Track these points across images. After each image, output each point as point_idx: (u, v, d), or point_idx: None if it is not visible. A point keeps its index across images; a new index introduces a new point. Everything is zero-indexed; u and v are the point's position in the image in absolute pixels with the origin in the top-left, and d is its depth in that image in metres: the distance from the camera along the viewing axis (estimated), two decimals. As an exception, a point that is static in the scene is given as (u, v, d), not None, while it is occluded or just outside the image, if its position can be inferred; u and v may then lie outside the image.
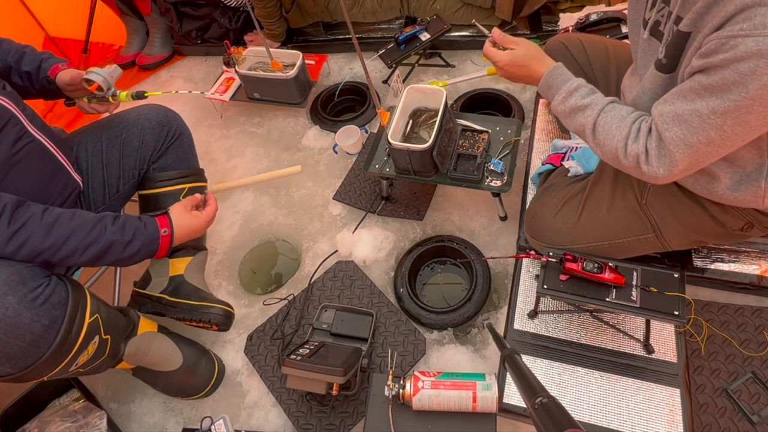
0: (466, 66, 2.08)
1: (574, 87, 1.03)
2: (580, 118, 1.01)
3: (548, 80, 1.08)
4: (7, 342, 0.90)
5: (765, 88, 0.72)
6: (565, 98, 1.04)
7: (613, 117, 0.96)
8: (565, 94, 1.04)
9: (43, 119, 1.23)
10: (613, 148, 0.94)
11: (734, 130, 0.79)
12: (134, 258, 1.13)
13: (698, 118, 0.80)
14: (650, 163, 0.89)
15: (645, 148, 0.90)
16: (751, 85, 0.73)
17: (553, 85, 1.07)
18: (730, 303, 1.31)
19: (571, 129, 1.06)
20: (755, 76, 0.72)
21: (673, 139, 0.84)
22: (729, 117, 0.77)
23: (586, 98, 1.01)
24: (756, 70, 0.71)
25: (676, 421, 1.08)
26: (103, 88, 1.30)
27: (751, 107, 0.75)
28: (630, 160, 0.92)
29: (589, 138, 1.00)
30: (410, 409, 1.13)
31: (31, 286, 0.94)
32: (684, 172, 0.89)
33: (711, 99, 0.78)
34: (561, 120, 1.08)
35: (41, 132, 1.18)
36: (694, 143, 0.83)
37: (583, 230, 1.18)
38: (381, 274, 1.56)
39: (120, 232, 1.09)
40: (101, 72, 1.30)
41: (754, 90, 0.73)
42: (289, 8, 2.13)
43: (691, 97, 0.81)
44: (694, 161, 0.86)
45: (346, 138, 1.83)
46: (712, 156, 0.85)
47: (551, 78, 1.07)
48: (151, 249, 1.15)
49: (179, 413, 1.41)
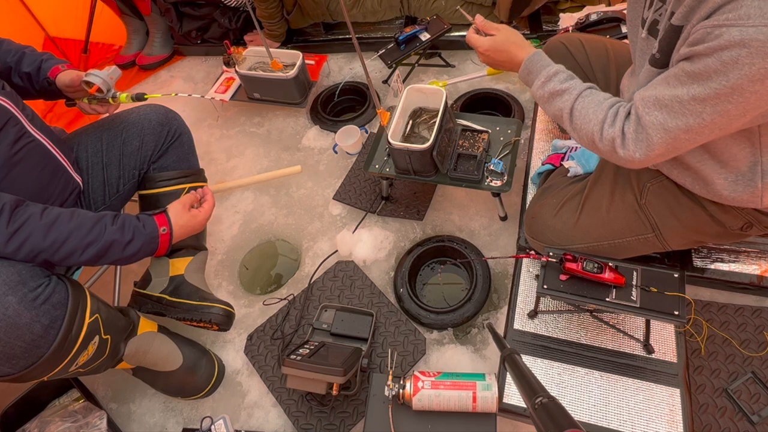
0: (466, 66, 2.08)
1: (553, 72, 1.05)
2: (558, 102, 1.02)
3: (528, 66, 1.10)
4: (7, 342, 0.90)
5: (745, 78, 0.73)
6: (544, 83, 1.05)
7: (590, 102, 0.98)
8: (544, 79, 1.05)
9: (42, 119, 1.23)
10: (590, 132, 0.96)
11: (713, 118, 0.79)
12: (134, 257, 1.13)
13: (679, 103, 0.81)
14: (626, 146, 0.91)
15: (622, 131, 0.91)
16: (731, 74, 0.73)
17: (533, 71, 1.08)
18: (730, 303, 1.31)
19: (550, 114, 1.07)
20: (737, 65, 0.72)
21: (653, 122, 0.85)
22: (709, 104, 0.78)
23: (565, 83, 1.03)
24: (738, 60, 0.72)
25: (676, 421, 1.08)
26: (103, 90, 1.31)
27: (730, 96, 0.76)
28: (606, 144, 0.94)
29: (567, 122, 1.02)
30: (410, 409, 1.13)
31: (31, 286, 0.94)
32: (660, 157, 0.90)
33: (693, 86, 0.79)
34: (540, 105, 1.10)
35: (41, 132, 1.18)
36: (672, 128, 0.84)
37: (582, 230, 1.18)
38: (381, 274, 1.56)
39: (120, 232, 1.09)
40: (100, 74, 1.30)
41: (734, 79, 0.73)
42: (290, 9, 2.13)
43: (674, 83, 0.82)
44: (671, 147, 0.87)
45: (346, 138, 1.83)
46: (689, 143, 0.86)
47: (531, 63, 1.09)
48: (150, 248, 1.15)
49: (179, 413, 1.41)
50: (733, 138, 0.91)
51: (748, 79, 0.73)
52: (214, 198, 1.35)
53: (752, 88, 0.74)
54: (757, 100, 0.75)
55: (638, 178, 1.13)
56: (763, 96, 0.75)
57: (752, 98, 0.75)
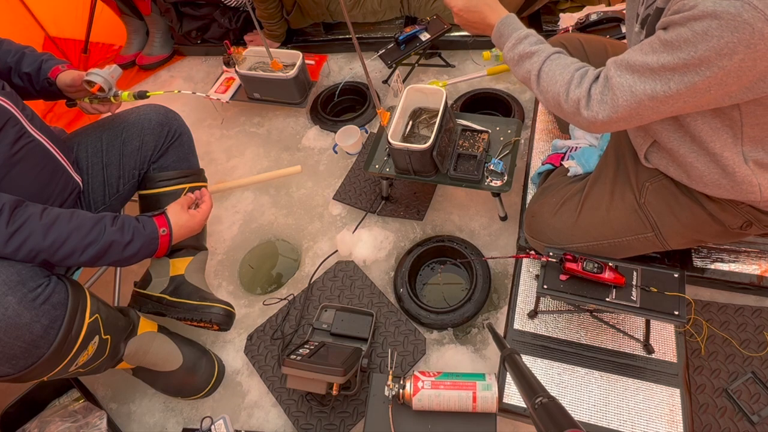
0: (466, 66, 2.08)
1: (524, 35, 1.07)
2: (527, 64, 1.04)
3: (500, 29, 1.12)
4: (6, 342, 0.90)
5: (712, 51, 0.73)
6: (514, 45, 1.07)
7: (557, 64, 0.99)
8: (514, 41, 1.07)
9: (42, 119, 1.23)
10: (555, 93, 0.97)
11: (679, 88, 0.80)
12: (134, 258, 1.13)
13: (649, 70, 0.82)
14: (591, 107, 0.91)
15: (588, 92, 0.92)
16: (700, 45, 0.74)
17: (504, 33, 1.10)
18: (730, 303, 1.31)
19: (519, 77, 1.09)
20: (706, 36, 0.73)
21: (621, 84, 0.86)
22: (677, 74, 0.79)
23: (534, 46, 1.04)
24: (708, 31, 0.72)
25: (676, 421, 1.08)
26: (105, 89, 1.31)
27: (698, 68, 0.76)
28: (570, 105, 0.95)
29: (534, 84, 1.03)
30: (410, 409, 1.13)
31: (30, 286, 0.94)
32: (622, 122, 0.90)
33: (663, 54, 0.79)
34: (510, 68, 1.11)
35: (41, 132, 1.18)
36: (638, 92, 0.84)
37: (582, 229, 1.18)
38: (381, 274, 1.56)
39: (119, 233, 1.09)
40: (102, 73, 1.30)
41: (702, 51, 0.74)
42: (290, 10, 2.13)
43: (646, 50, 0.83)
44: (634, 112, 0.87)
45: (346, 138, 1.83)
46: (653, 112, 0.86)
47: (503, 26, 1.11)
48: (150, 249, 1.15)
49: (179, 413, 1.41)
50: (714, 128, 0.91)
51: (715, 52, 0.73)
52: (211, 199, 1.35)
53: (719, 62, 0.74)
54: (724, 76, 0.75)
55: (637, 177, 1.13)
56: (730, 73, 0.75)
57: (719, 74, 0.75)
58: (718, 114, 0.89)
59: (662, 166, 1.07)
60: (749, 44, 0.71)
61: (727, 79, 0.76)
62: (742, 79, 0.76)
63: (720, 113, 0.89)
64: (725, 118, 0.89)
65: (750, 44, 0.71)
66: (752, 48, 0.71)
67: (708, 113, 0.90)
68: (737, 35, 0.70)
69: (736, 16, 0.69)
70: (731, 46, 0.71)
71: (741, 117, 0.88)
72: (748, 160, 0.93)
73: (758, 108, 0.85)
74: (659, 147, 1.06)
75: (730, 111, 0.88)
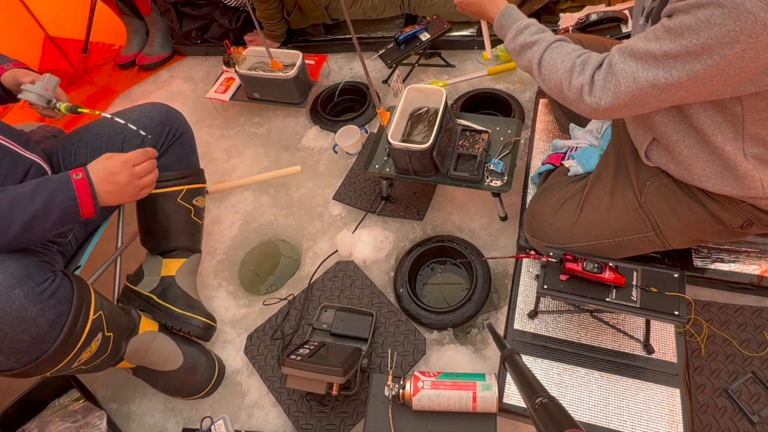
0: (466, 66, 2.08)
1: (524, 25, 1.08)
2: (528, 54, 1.05)
3: (501, 20, 1.14)
4: (13, 336, 0.90)
5: (715, 39, 0.73)
6: (515, 35, 1.08)
7: (558, 53, 1.00)
8: (515, 31, 1.09)
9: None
10: (558, 81, 0.98)
11: (680, 77, 0.80)
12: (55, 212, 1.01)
13: (652, 57, 0.82)
14: (593, 93, 0.92)
15: (591, 79, 0.92)
16: (703, 33, 0.74)
17: (505, 25, 1.12)
18: (730, 303, 1.31)
19: (522, 67, 1.10)
20: (709, 24, 0.73)
21: (624, 70, 0.86)
22: (679, 61, 0.79)
23: (535, 35, 1.05)
24: (710, 19, 0.72)
25: (676, 421, 1.08)
26: (39, 104, 1.23)
27: (699, 56, 0.76)
28: (573, 92, 0.95)
29: (536, 73, 1.04)
30: (410, 409, 1.13)
31: (37, 280, 0.94)
32: (624, 109, 0.90)
33: (666, 41, 0.80)
34: (513, 59, 1.13)
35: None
36: (641, 80, 0.84)
37: (582, 229, 1.18)
38: (381, 274, 1.56)
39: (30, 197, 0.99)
40: (34, 89, 1.22)
41: (705, 38, 0.74)
42: (291, 10, 2.13)
43: (651, 38, 0.83)
44: (636, 100, 0.87)
45: (346, 138, 1.83)
46: (654, 100, 0.86)
47: (503, 18, 1.13)
48: (67, 197, 1.03)
49: (179, 413, 1.41)
50: (716, 122, 0.91)
51: (717, 41, 0.73)
52: (156, 174, 1.24)
53: (722, 51, 0.74)
54: (726, 66, 0.75)
55: (638, 176, 1.13)
56: (732, 63, 0.75)
57: (721, 63, 0.75)
58: (720, 108, 0.90)
59: (663, 164, 1.07)
60: (751, 33, 0.71)
61: (729, 69, 0.76)
62: (745, 70, 0.76)
63: (722, 108, 0.89)
64: (727, 113, 0.89)
65: (752, 33, 0.71)
66: (754, 37, 0.71)
67: (710, 107, 0.91)
68: (739, 24, 0.70)
69: (739, 4, 0.69)
70: (733, 35, 0.71)
71: (743, 112, 0.88)
72: (748, 155, 0.93)
73: (760, 103, 0.85)
74: (660, 144, 1.06)
75: (732, 106, 0.88)
